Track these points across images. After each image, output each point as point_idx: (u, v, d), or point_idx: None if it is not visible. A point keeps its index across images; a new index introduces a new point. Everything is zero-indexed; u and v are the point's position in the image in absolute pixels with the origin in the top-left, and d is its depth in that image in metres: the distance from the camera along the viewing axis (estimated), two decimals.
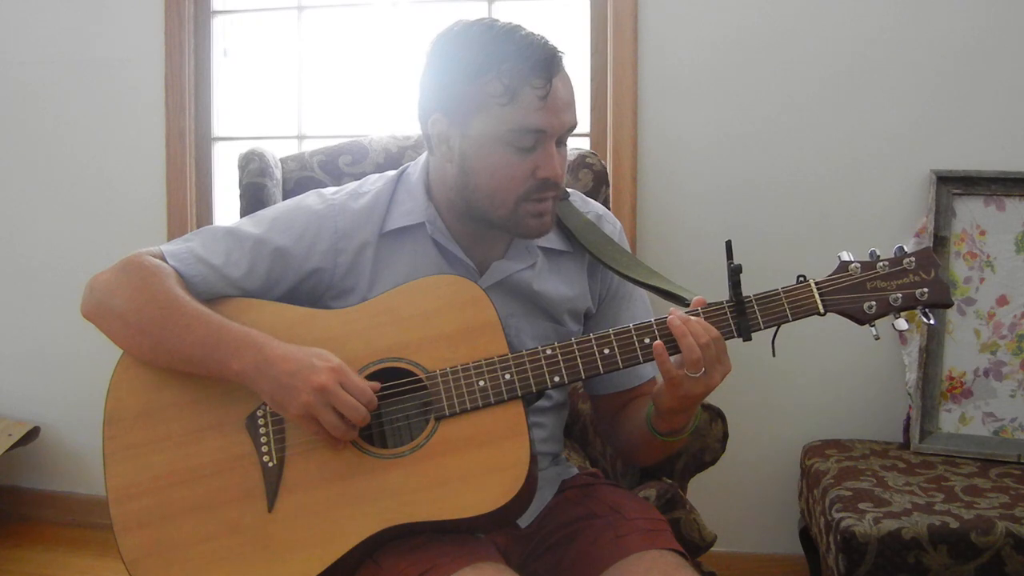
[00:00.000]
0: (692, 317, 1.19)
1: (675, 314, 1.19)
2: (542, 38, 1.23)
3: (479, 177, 1.24)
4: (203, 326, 1.20)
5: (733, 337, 1.21)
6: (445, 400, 1.19)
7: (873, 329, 1.22)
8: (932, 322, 1.22)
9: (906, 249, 1.23)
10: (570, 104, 1.25)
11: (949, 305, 1.23)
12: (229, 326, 1.20)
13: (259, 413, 1.21)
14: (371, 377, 1.21)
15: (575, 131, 1.28)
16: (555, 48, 1.23)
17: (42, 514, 2.61)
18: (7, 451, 2.45)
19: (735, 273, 1.20)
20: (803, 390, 2.22)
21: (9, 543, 2.49)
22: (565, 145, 1.28)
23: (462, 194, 1.27)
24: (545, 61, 1.20)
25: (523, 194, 1.24)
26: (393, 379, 1.21)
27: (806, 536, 2.09)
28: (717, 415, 1.56)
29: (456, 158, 1.25)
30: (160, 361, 1.23)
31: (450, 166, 1.27)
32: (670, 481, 1.53)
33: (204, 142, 2.49)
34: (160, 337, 1.21)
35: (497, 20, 1.26)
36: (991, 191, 2.06)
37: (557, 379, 1.20)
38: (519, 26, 1.24)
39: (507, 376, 1.19)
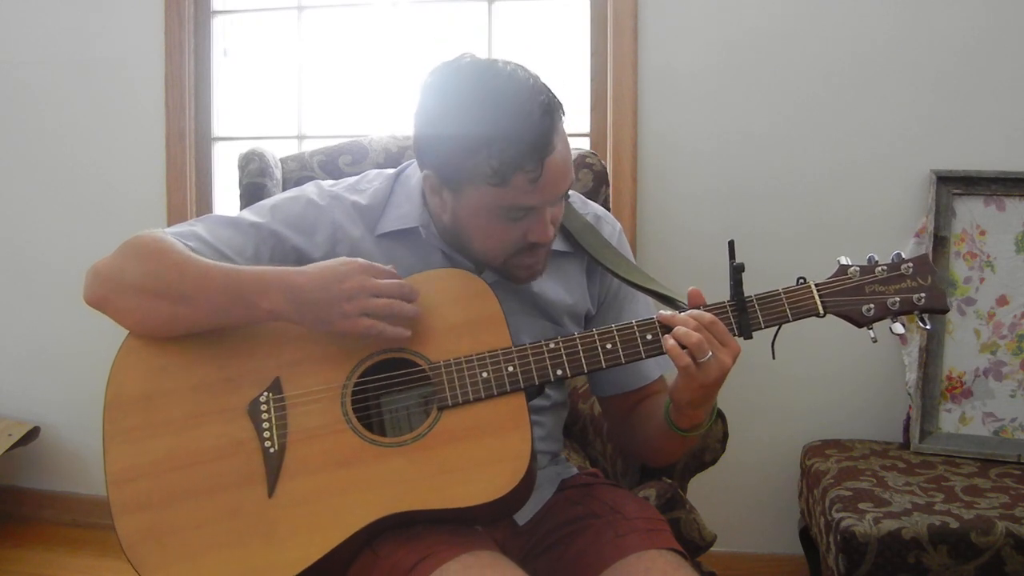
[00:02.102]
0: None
1: (661, 312, 1.22)
2: (539, 106, 1.16)
3: (470, 236, 1.25)
4: (222, 274, 1.19)
5: (734, 335, 1.21)
6: (448, 390, 1.19)
7: (871, 332, 1.23)
8: (929, 327, 1.23)
9: (904, 255, 1.24)
10: (565, 171, 1.21)
11: (945, 311, 1.25)
12: (247, 269, 1.21)
13: (262, 399, 1.21)
14: (375, 367, 1.22)
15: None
16: (551, 120, 1.16)
17: (42, 514, 2.61)
18: (7, 451, 2.45)
19: (737, 272, 1.21)
20: (803, 390, 2.22)
21: (9, 543, 2.49)
22: (562, 200, 1.26)
23: (455, 240, 1.29)
24: (539, 141, 1.15)
25: (513, 252, 1.25)
26: (396, 370, 1.22)
27: (806, 536, 2.09)
28: (717, 415, 1.56)
29: (449, 211, 1.26)
30: (180, 325, 1.21)
31: (444, 215, 1.27)
32: (670, 481, 1.52)
33: (204, 142, 2.49)
34: (179, 295, 1.19)
35: (496, 69, 1.20)
36: (991, 191, 2.06)
37: (559, 372, 1.21)
38: (518, 82, 1.17)
39: (510, 368, 1.20)
